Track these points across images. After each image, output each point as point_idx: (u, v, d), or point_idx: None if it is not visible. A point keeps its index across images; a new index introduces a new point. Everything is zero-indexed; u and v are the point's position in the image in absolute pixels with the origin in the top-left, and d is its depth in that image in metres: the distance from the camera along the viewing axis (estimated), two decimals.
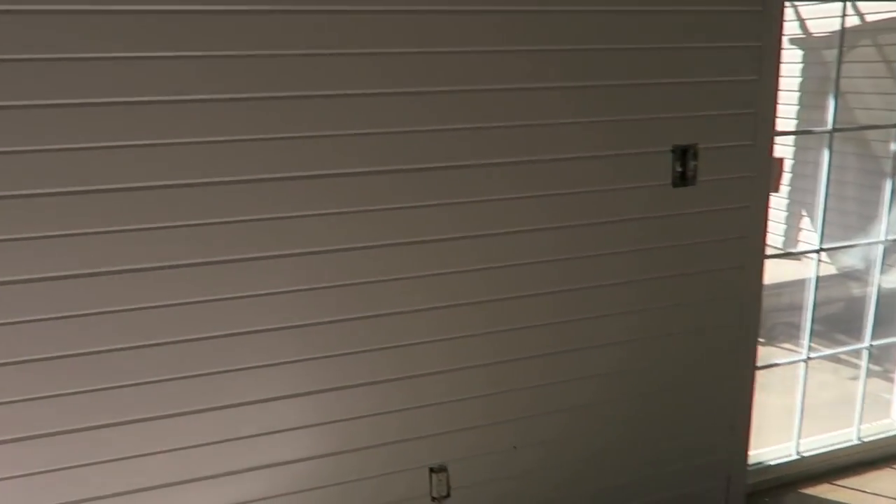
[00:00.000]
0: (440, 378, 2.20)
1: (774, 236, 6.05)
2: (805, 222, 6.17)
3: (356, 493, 2.21)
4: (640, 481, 2.58)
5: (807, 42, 5.90)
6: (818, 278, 2.96)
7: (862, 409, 3.09)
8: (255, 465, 2.08)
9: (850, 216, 5.26)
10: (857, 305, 4.09)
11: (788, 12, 2.34)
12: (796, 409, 2.99)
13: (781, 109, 2.41)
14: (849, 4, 5.05)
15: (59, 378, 1.85)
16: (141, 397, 1.93)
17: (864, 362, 3.14)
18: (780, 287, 4.59)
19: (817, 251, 2.95)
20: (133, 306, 1.86)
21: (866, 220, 4.77)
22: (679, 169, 2.29)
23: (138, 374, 1.91)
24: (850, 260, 5.29)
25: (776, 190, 2.81)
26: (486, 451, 2.33)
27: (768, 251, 2.55)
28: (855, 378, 3.45)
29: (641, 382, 2.47)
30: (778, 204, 5.98)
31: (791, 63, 5.83)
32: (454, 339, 2.18)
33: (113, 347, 1.88)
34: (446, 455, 2.28)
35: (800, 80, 5.96)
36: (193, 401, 1.98)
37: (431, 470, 2.27)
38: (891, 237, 3.03)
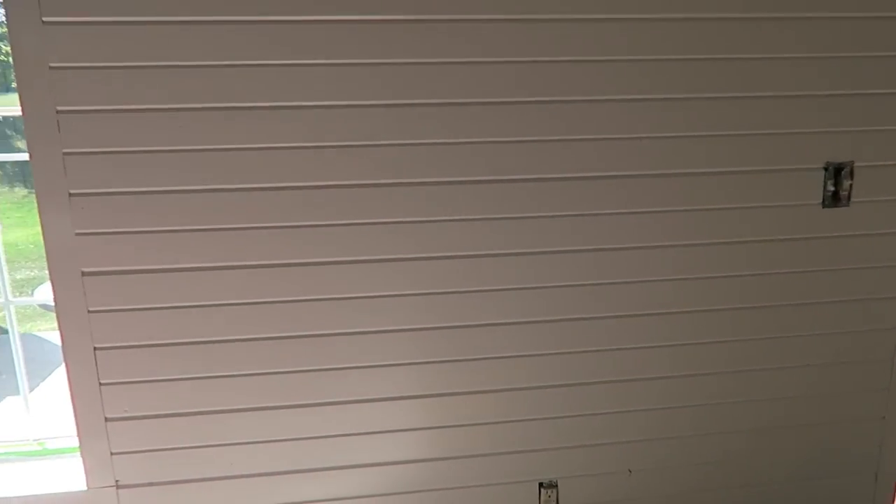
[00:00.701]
0: (558, 392, 2.16)
1: None
2: None
3: (459, 500, 2.20)
4: None
5: None
6: None
7: None
8: (362, 462, 2.12)
9: None
10: None
11: None
12: None
13: None
14: None
15: (190, 362, 1.96)
16: (264, 386, 2.01)
17: None
18: None
19: None
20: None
21: None
22: (831, 188, 2.13)
23: (267, 364, 1.99)
24: None
25: None
26: (600, 471, 2.25)
27: None
28: None
29: (776, 415, 2.31)
30: None
31: None
32: (575, 352, 2.13)
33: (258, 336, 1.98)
34: (558, 471, 2.23)
35: None
36: (314, 394, 2.04)
37: (541, 485, 2.23)
38: None
